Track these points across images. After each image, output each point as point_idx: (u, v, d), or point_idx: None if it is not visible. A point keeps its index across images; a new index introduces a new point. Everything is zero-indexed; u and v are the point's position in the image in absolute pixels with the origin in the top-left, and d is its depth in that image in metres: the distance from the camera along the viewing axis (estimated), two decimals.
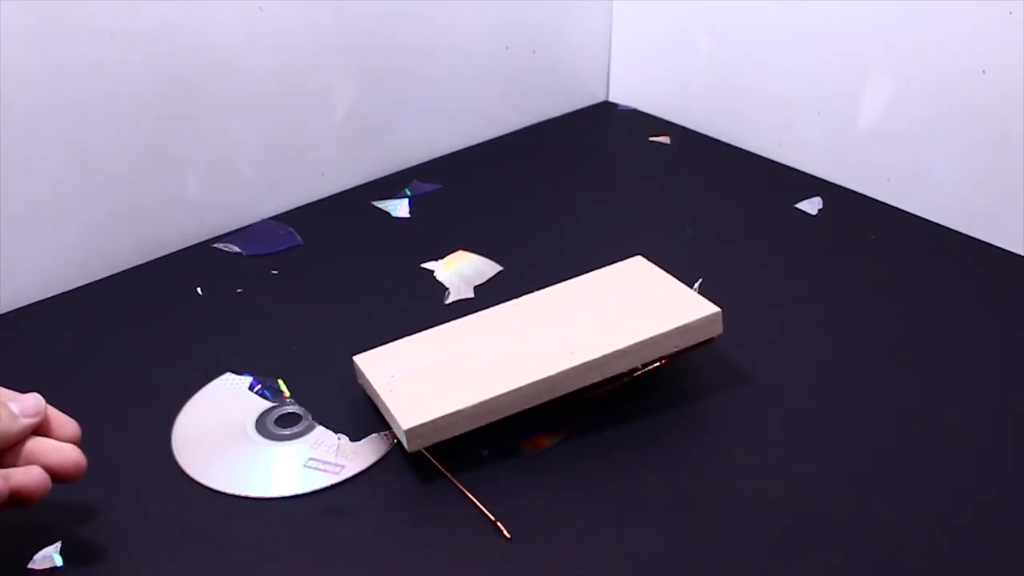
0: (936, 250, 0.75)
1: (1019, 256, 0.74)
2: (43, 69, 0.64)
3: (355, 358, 0.58)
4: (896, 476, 0.54)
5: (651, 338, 0.56)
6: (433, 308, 0.67)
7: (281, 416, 0.57)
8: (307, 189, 0.81)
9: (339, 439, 0.55)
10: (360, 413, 0.57)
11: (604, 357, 0.55)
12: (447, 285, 0.69)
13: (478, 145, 0.91)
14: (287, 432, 0.56)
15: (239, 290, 0.69)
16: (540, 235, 0.77)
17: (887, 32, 0.77)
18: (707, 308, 0.58)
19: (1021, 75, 0.70)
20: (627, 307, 0.59)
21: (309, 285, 0.71)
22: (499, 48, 0.91)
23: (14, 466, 0.47)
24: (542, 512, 0.51)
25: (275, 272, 0.72)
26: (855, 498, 0.52)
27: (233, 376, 0.60)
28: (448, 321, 0.61)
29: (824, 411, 0.59)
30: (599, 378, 0.56)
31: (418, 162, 0.87)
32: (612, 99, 1.02)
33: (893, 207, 0.81)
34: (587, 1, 0.97)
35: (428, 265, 0.71)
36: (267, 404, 0.58)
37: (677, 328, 0.57)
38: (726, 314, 0.58)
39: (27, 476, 0.46)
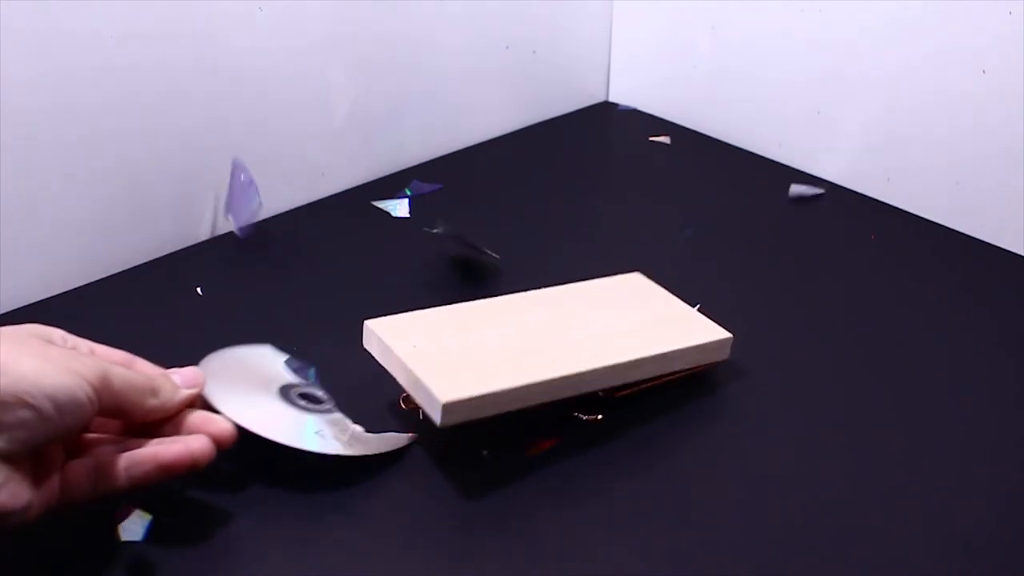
0: (936, 250, 0.75)
1: (1019, 256, 0.74)
2: (43, 69, 0.64)
3: (368, 323, 0.57)
4: (895, 476, 0.54)
5: (673, 351, 0.58)
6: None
7: (305, 393, 0.56)
8: (307, 189, 0.81)
9: (354, 426, 0.55)
10: (371, 413, 0.57)
11: (630, 363, 0.56)
12: None
13: (478, 145, 0.91)
14: (306, 404, 0.55)
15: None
16: (540, 235, 0.77)
17: (887, 32, 0.77)
18: (720, 332, 0.60)
19: (1021, 75, 0.70)
20: (643, 319, 0.60)
21: (309, 285, 0.71)
22: (499, 48, 0.91)
23: (169, 436, 0.49)
24: (542, 512, 0.51)
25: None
26: (855, 498, 0.52)
27: (273, 350, 0.60)
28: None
29: (824, 411, 0.59)
30: (621, 382, 0.56)
31: (418, 162, 0.87)
32: (612, 99, 1.02)
33: (893, 207, 0.81)
34: (587, 1, 0.97)
35: None
36: (295, 379, 0.57)
37: (696, 346, 0.59)
38: (726, 314, 0.58)
39: (199, 443, 0.48)
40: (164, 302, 0.69)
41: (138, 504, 0.48)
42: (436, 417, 0.51)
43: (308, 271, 0.72)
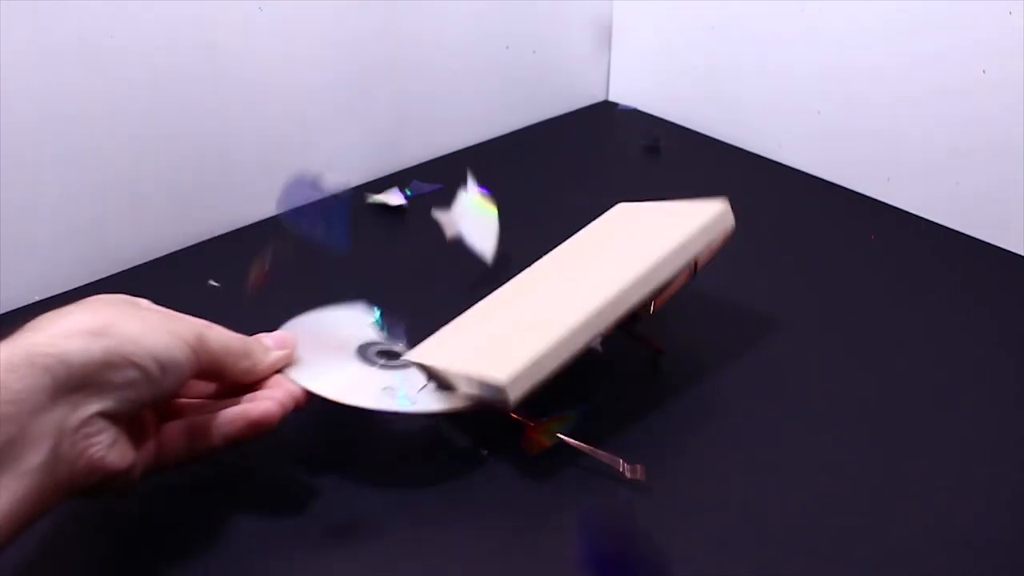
0: (936, 250, 0.75)
1: (1019, 256, 0.74)
2: (43, 69, 0.64)
3: (406, 356, 0.57)
4: (895, 476, 0.54)
5: (682, 243, 0.57)
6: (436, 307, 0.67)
7: (383, 351, 0.57)
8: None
9: (427, 384, 0.55)
10: None
11: (649, 269, 0.55)
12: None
13: (478, 145, 0.91)
14: (384, 362, 0.56)
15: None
16: (540, 235, 0.77)
17: (887, 32, 0.77)
18: (715, 206, 0.59)
19: (1021, 75, 0.70)
20: (643, 231, 0.60)
21: (310, 284, 0.71)
22: (499, 48, 0.91)
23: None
24: (542, 512, 0.51)
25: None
26: (854, 498, 0.52)
27: (364, 308, 0.60)
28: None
29: (823, 411, 0.59)
30: (650, 291, 0.55)
31: (418, 162, 0.87)
32: (612, 99, 1.02)
33: (893, 207, 0.81)
34: (587, 1, 0.97)
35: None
36: (374, 337, 0.58)
37: (702, 226, 0.58)
38: (726, 313, 0.58)
39: (276, 400, 0.49)
40: (164, 302, 0.68)
41: None
42: (508, 395, 0.50)
43: (308, 271, 0.72)
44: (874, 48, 0.79)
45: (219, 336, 0.48)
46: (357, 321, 0.59)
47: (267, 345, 0.52)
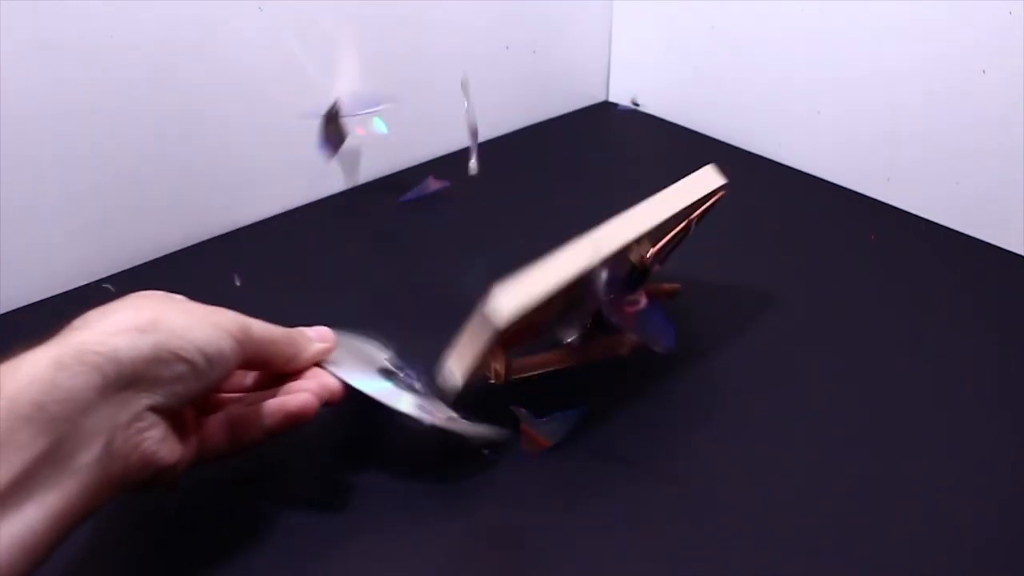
0: (936, 250, 0.75)
1: (1019, 256, 0.74)
2: (42, 68, 0.64)
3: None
4: (894, 476, 0.54)
5: (676, 192, 0.58)
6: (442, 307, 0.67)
7: (404, 381, 0.56)
8: (307, 189, 0.81)
9: (450, 412, 0.54)
10: None
11: (638, 212, 0.56)
12: None
13: (478, 145, 0.91)
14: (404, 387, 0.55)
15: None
16: (540, 235, 0.77)
17: (887, 32, 0.77)
18: (706, 172, 0.61)
19: (1021, 75, 0.70)
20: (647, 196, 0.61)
21: (310, 284, 0.71)
22: (499, 48, 0.91)
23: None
24: (542, 512, 0.51)
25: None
26: (854, 498, 0.52)
27: (378, 344, 0.59)
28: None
29: (823, 410, 0.59)
30: (638, 232, 0.56)
31: (418, 162, 0.87)
32: (612, 99, 1.02)
33: (893, 207, 0.81)
34: (587, 1, 0.97)
35: None
36: (395, 366, 0.57)
37: (685, 181, 0.59)
38: (726, 313, 0.58)
39: (313, 394, 0.49)
40: None
41: None
42: (497, 319, 0.49)
43: (309, 271, 0.72)
44: (874, 48, 0.79)
45: (262, 326, 0.49)
46: (375, 351, 0.58)
47: (310, 336, 0.52)
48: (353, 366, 0.54)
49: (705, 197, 0.60)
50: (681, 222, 0.59)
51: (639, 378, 0.61)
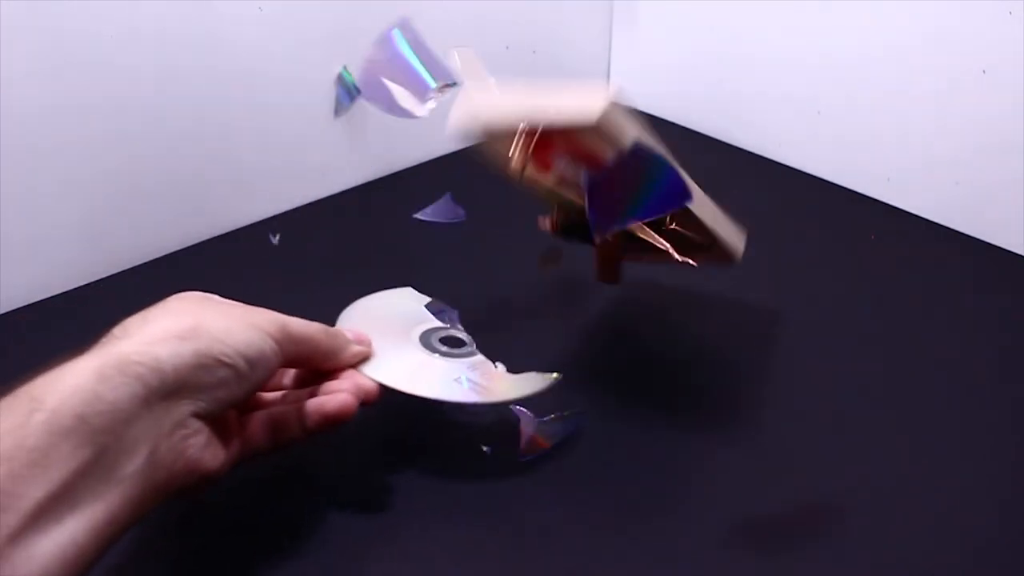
0: (936, 250, 0.75)
1: (1019, 256, 0.74)
2: (42, 68, 0.64)
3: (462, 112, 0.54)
4: (894, 476, 0.54)
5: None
6: None
7: (446, 337, 0.57)
8: (307, 189, 0.81)
9: (496, 366, 0.54)
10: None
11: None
12: None
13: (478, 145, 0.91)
14: (448, 350, 0.55)
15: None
16: (539, 235, 0.77)
17: (887, 32, 0.77)
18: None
19: (1021, 75, 0.70)
20: None
21: (311, 284, 0.71)
22: (499, 48, 0.91)
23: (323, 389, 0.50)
24: (542, 512, 0.51)
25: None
26: (854, 498, 0.52)
27: (413, 292, 0.60)
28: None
29: (822, 410, 0.59)
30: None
31: (418, 162, 0.87)
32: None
33: (893, 207, 0.81)
34: (587, 1, 0.97)
35: None
36: (434, 323, 0.57)
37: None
38: (726, 313, 0.58)
39: (349, 396, 0.49)
40: None
41: None
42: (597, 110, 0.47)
43: (309, 270, 0.72)
44: (874, 48, 0.79)
45: (301, 324, 0.49)
46: (411, 306, 0.59)
47: (349, 338, 0.52)
48: (388, 350, 0.53)
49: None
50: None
51: (639, 379, 0.61)
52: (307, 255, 0.75)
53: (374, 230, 0.78)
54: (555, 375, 0.54)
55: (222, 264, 0.73)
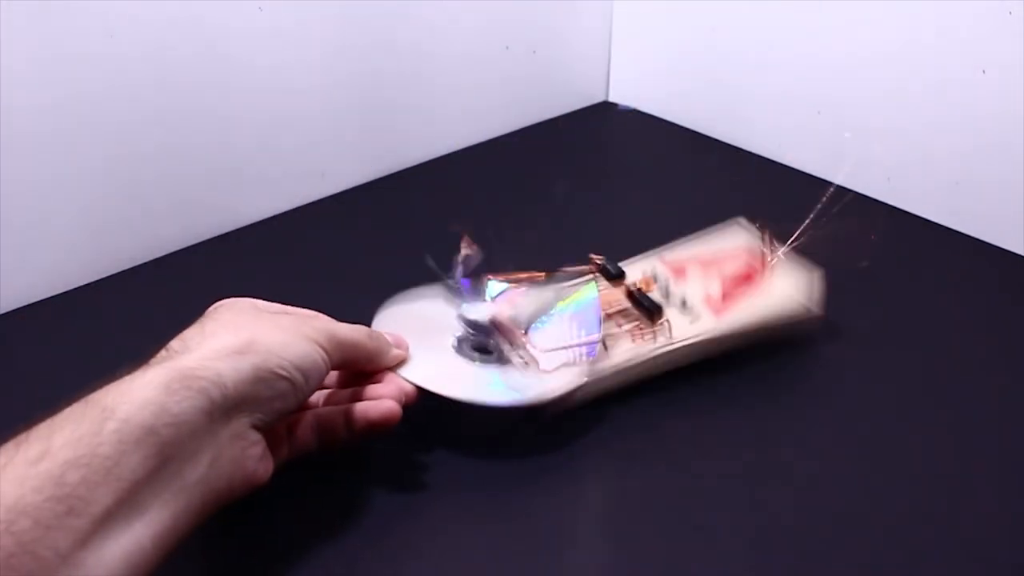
0: (936, 250, 0.75)
1: (1019, 256, 0.74)
2: (43, 68, 0.64)
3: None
4: (893, 476, 0.54)
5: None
6: None
7: (477, 345, 0.57)
8: (307, 189, 0.81)
9: (530, 355, 0.55)
10: None
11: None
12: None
13: (478, 145, 0.91)
14: (481, 357, 0.56)
15: None
16: (539, 235, 0.77)
17: (887, 32, 0.77)
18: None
19: (1021, 75, 0.70)
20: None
21: (311, 284, 0.71)
22: (499, 48, 0.91)
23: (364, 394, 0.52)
24: (542, 512, 0.52)
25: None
26: (854, 499, 0.52)
27: (444, 289, 0.60)
28: None
29: (822, 410, 0.59)
30: None
31: (418, 162, 0.87)
32: (612, 99, 1.02)
33: (893, 207, 0.81)
34: (587, 1, 0.97)
35: None
36: (466, 332, 0.58)
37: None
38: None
39: (393, 403, 0.50)
40: (164, 301, 0.69)
41: None
42: None
43: (310, 271, 0.72)
44: (874, 48, 0.79)
45: (347, 329, 0.50)
46: (443, 308, 0.59)
47: (389, 341, 0.53)
48: (423, 352, 0.54)
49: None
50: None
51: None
52: (307, 255, 0.75)
53: (374, 230, 0.78)
54: (587, 373, 0.55)
55: (222, 264, 0.73)
